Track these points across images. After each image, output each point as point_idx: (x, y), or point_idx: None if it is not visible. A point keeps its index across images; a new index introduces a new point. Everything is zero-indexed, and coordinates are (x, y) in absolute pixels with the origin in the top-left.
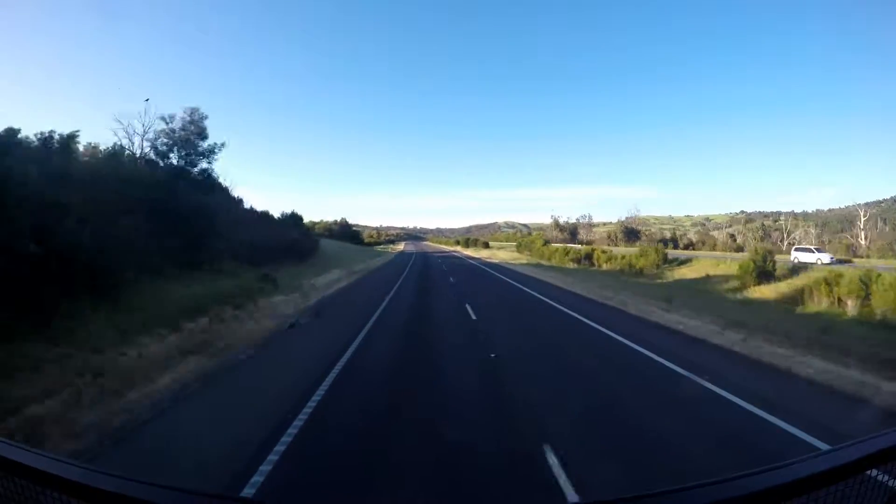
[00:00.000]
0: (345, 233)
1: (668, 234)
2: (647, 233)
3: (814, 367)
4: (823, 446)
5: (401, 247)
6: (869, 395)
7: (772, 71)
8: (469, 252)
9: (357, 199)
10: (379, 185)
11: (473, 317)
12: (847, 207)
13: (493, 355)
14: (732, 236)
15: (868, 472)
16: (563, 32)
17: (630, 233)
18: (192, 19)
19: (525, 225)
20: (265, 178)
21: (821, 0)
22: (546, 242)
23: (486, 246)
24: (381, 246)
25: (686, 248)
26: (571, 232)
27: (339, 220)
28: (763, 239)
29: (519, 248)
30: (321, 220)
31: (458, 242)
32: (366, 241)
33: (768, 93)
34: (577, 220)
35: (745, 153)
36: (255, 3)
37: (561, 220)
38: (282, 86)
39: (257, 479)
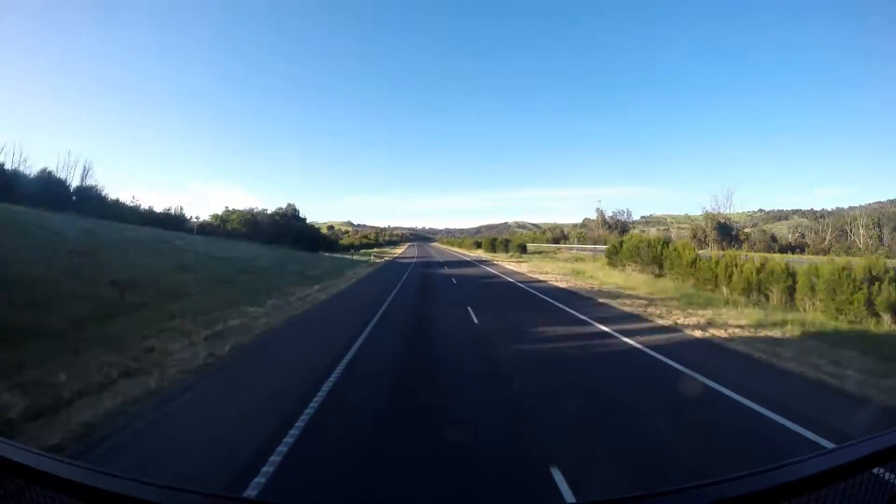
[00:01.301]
0: (285, 230)
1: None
2: (744, 233)
3: None
4: None
5: (399, 250)
6: None
7: (779, 76)
8: (510, 264)
9: (367, 200)
10: (388, 187)
11: None
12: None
13: None
14: (802, 235)
15: (869, 471)
16: (570, 40)
17: (724, 230)
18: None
19: (536, 224)
20: (278, 183)
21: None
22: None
23: (524, 249)
24: (372, 251)
25: (789, 251)
26: (622, 230)
27: (281, 208)
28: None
29: (613, 258)
30: (235, 210)
31: (478, 244)
32: (343, 243)
33: (777, 95)
34: (615, 215)
35: (749, 152)
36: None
37: (607, 216)
38: (291, 93)
39: None
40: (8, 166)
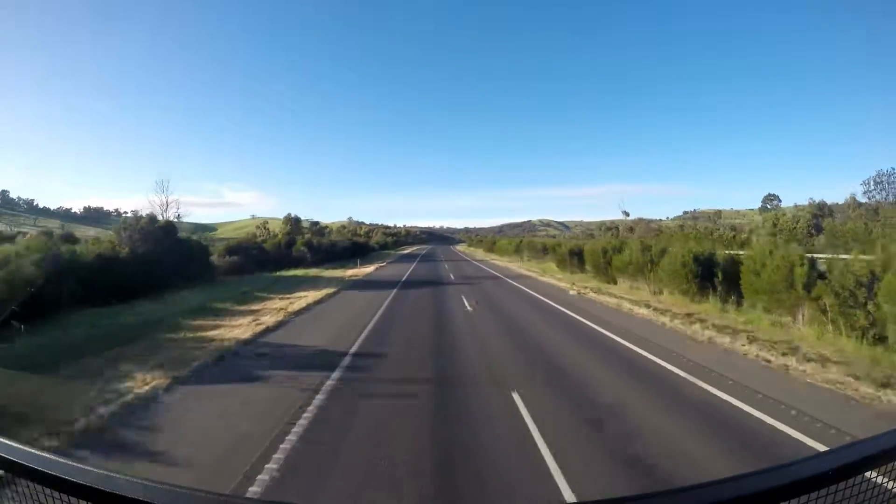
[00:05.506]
0: None
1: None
2: None
3: None
4: None
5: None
6: None
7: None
8: None
9: (381, 200)
10: (401, 188)
11: None
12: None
13: None
14: None
15: (869, 472)
16: (581, 37)
17: None
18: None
19: (562, 223)
20: (294, 186)
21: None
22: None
23: None
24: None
25: None
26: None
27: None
28: None
29: None
30: None
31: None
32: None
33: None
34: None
35: (738, 151)
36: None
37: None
38: (310, 96)
39: None
40: None
